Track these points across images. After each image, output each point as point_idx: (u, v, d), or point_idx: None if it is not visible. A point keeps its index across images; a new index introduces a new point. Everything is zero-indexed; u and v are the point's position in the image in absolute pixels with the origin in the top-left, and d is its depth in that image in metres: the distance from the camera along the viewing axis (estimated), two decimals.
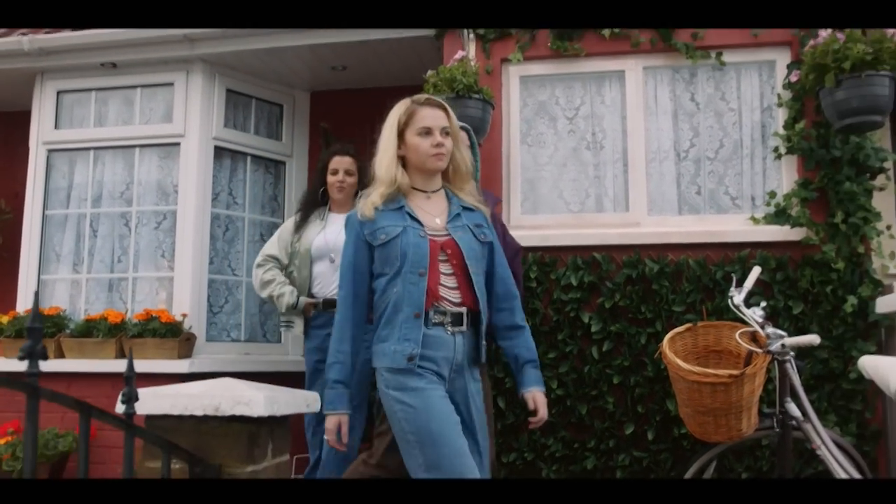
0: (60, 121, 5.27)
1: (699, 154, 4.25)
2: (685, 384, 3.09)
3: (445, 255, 2.38)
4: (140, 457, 1.82)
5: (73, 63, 5.11)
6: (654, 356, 3.76)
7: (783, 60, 4.13)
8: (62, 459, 4.47)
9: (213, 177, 5.11)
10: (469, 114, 3.82)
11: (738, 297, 3.18)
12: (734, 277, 3.33)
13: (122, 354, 4.68)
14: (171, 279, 4.91)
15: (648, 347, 3.90)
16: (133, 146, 5.15)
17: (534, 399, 2.49)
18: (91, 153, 5.20)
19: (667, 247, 4.02)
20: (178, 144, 5.03)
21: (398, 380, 2.27)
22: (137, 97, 5.19)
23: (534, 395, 2.49)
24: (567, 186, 4.34)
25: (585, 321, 3.98)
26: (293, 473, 4.33)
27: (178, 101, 5.06)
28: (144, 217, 5.08)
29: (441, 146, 2.42)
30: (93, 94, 5.24)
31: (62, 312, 4.91)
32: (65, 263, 5.16)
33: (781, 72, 4.12)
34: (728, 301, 3.21)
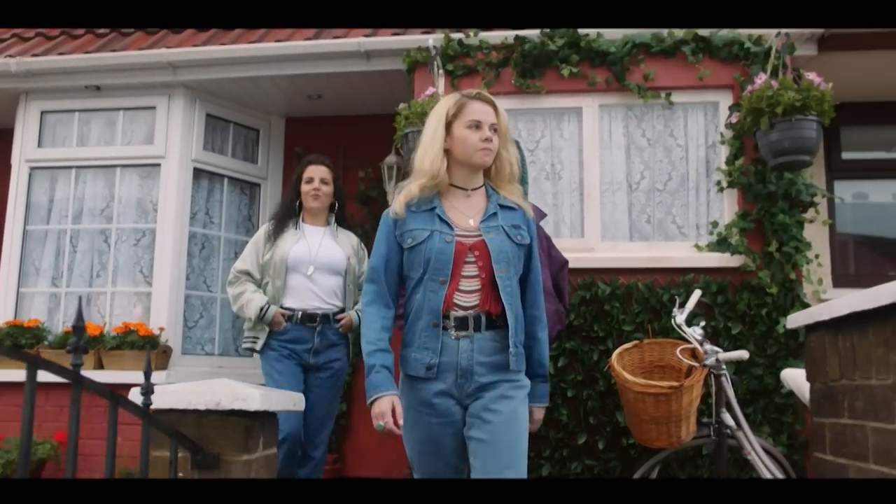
0: (43, 139, 5.46)
1: (649, 186, 4.61)
2: (631, 395, 3.39)
3: (473, 257, 2.31)
4: (154, 449, 2.06)
5: (58, 85, 5.32)
6: (605, 369, 4.07)
7: (726, 102, 4.52)
8: (39, 466, 4.62)
9: (192, 197, 5.34)
10: None
11: (680, 317, 3.51)
12: (678, 300, 3.66)
13: (101, 366, 4.86)
14: (150, 294, 5.11)
15: (600, 363, 4.21)
16: (114, 166, 5.36)
17: (532, 414, 2.46)
18: (73, 171, 5.40)
19: (618, 271, 4.35)
20: (159, 165, 5.26)
21: (414, 385, 2.30)
22: (120, 119, 5.41)
23: (532, 411, 2.46)
24: None
25: None
26: None
27: (160, 124, 5.29)
28: (124, 234, 5.29)
29: (489, 141, 2.35)
30: (76, 115, 5.45)
31: (41, 325, 5.08)
32: (44, 277, 5.33)
33: (724, 112, 4.50)
34: (671, 321, 3.54)
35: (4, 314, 5.20)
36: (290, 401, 2.38)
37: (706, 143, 4.59)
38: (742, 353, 3.28)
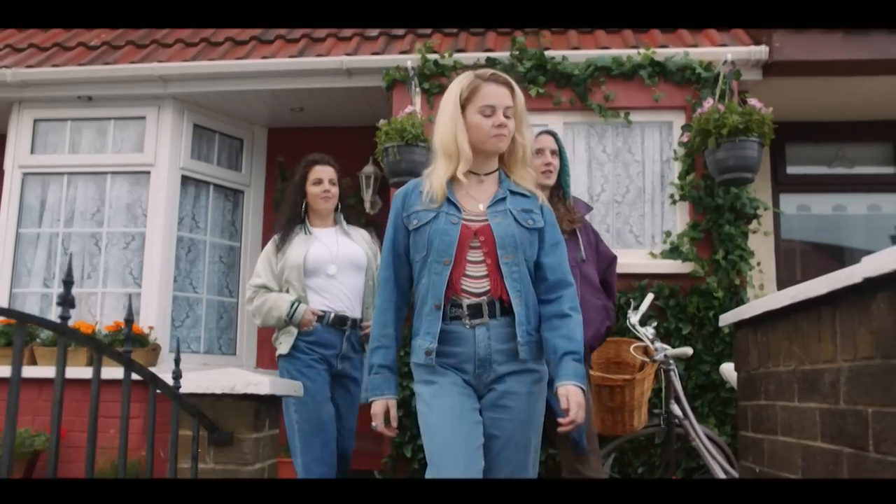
0: (36, 146, 5.71)
1: (609, 198, 5.01)
2: (591, 387, 3.78)
3: (478, 242, 2.21)
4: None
5: (52, 95, 5.57)
6: None
7: (679, 122, 4.94)
8: (34, 457, 4.88)
9: (179, 203, 5.62)
10: (416, 159, 4.48)
11: (634, 318, 3.90)
12: (633, 302, 4.05)
13: (93, 362, 5.11)
14: (139, 295, 5.39)
15: None
16: (105, 172, 5.63)
17: (567, 396, 2.11)
18: (65, 177, 5.66)
19: None
20: (149, 173, 5.54)
21: (420, 374, 2.23)
22: (111, 128, 5.68)
23: (567, 392, 2.11)
24: None
25: None
26: None
27: (150, 134, 5.58)
28: (114, 238, 5.55)
29: (503, 127, 2.21)
30: (68, 124, 5.70)
31: None
32: (36, 278, 5.58)
33: (677, 131, 4.93)
34: (627, 321, 3.93)
35: None
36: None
37: (661, 159, 5.00)
38: (686, 350, 3.68)
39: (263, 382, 2.41)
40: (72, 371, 5.05)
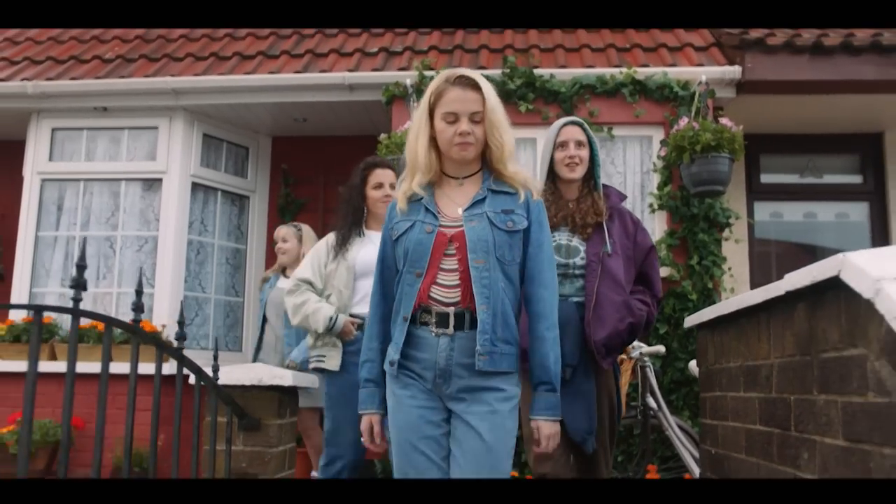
0: (54, 154, 6.04)
1: None
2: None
3: (453, 249, 2.12)
4: (207, 414, 2.75)
5: (69, 106, 5.91)
6: None
7: (658, 136, 5.32)
8: (56, 447, 5.22)
9: (189, 208, 5.97)
10: None
11: None
12: None
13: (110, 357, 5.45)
14: (152, 295, 5.73)
15: None
16: (119, 179, 5.97)
17: (538, 429, 2.14)
18: (81, 183, 6.00)
19: None
20: (161, 180, 5.89)
21: (388, 380, 2.19)
22: (125, 137, 6.02)
23: (538, 426, 2.14)
24: None
25: None
26: None
27: (162, 143, 5.92)
28: (128, 241, 5.90)
29: (466, 135, 2.12)
30: (84, 133, 6.04)
31: (53, 321, 5.66)
32: (54, 278, 5.92)
33: (656, 145, 5.31)
34: None
35: (20, 312, 5.77)
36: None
37: (641, 171, 5.38)
38: (659, 348, 4.06)
39: (287, 376, 2.78)
40: (90, 366, 5.47)
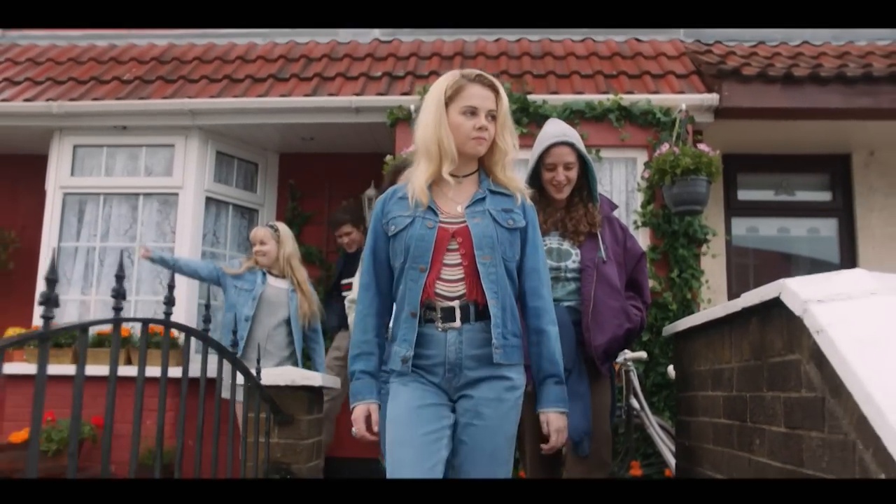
0: (75, 169, 6.40)
1: None
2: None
3: (456, 244, 2.18)
4: (250, 411, 3.14)
5: (91, 124, 6.28)
6: None
7: (642, 158, 5.76)
8: (81, 445, 5.58)
9: (203, 221, 6.35)
10: None
11: None
12: None
13: (129, 362, 5.83)
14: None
15: None
16: (137, 194, 6.34)
17: (547, 422, 2.21)
18: (101, 197, 6.36)
19: None
20: (177, 195, 6.27)
21: (393, 378, 2.20)
22: (143, 154, 6.39)
23: (547, 418, 2.21)
24: None
25: None
26: None
27: (178, 160, 6.30)
28: None
29: (483, 129, 2.18)
30: (104, 150, 6.40)
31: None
32: (75, 287, 6.28)
33: (640, 167, 5.74)
34: None
35: (35, 318, 6.14)
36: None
37: (627, 190, 5.81)
38: (641, 354, 4.48)
39: (316, 377, 3.18)
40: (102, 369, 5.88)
